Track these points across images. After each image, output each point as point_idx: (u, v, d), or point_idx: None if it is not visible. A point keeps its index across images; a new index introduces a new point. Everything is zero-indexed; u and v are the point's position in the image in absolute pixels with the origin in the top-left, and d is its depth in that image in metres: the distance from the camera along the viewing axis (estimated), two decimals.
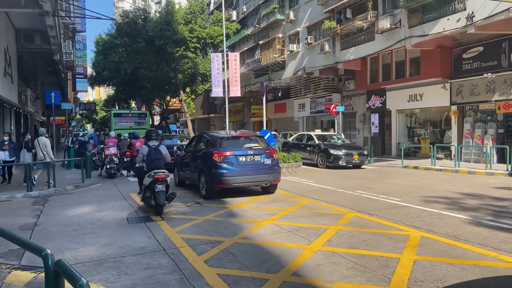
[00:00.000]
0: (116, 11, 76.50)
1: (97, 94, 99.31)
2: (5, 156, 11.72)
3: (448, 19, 15.10)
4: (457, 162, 14.99)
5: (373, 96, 21.36)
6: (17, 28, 15.69)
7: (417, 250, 5.16)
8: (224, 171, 9.16)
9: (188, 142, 12.50)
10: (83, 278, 2.11)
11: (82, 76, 36.62)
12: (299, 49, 25.21)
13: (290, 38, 26.53)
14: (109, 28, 42.61)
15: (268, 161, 9.65)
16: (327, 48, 21.85)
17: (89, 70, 37.74)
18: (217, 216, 7.49)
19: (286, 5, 27.01)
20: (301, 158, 17.44)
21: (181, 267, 4.67)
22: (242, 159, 9.42)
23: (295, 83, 27.53)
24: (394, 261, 4.75)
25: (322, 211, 7.80)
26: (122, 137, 16.81)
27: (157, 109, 45.28)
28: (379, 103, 21.00)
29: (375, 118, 21.51)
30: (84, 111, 55.13)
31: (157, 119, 44.51)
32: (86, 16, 35.35)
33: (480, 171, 13.51)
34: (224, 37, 22.56)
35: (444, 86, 17.36)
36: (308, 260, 4.86)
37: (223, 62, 21.44)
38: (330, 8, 21.47)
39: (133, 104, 50.01)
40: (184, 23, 24.08)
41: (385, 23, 17.66)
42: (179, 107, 38.24)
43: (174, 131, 40.70)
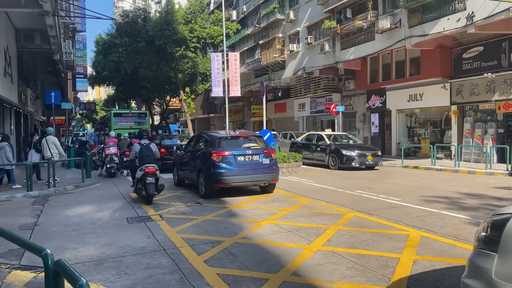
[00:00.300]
0: (116, 11, 76.52)
1: (97, 94, 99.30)
2: None
3: (448, 19, 15.10)
4: (457, 162, 15.00)
5: (373, 96, 21.37)
6: (17, 28, 15.68)
7: (417, 250, 5.16)
8: (223, 171, 9.19)
9: (187, 142, 12.52)
10: (83, 278, 2.11)
11: (82, 76, 36.56)
12: (299, 49, 25.21)
13: (290, 38, 26.53)
14: (109, 28, 42.62)
15: (266, 161, 9.70)
16: (327, 48, 21.85)
17: (89, 70, 37.71)
18: (217, 216, 7.49)
19: (286, 5, 27.01)
20: (310, 159, 17.16)
21: (181, 267, 4.67)
22: (241, 159, 9.45)
23: (295, 83, 27.52)
24: (394, 261, 4.76)
25: (322, 211, 7.80)
26: (122, 137, 16.84)
27: (157, 109, 45.23)
28: (379, 103, 21.00)
29: (375, 118, 21.52)
30: (84, 111, 55.05)
31: (157, 119, 44.49)
32: (86, 16, 35.39)
33: (480, 171, 13.51)
34: (224, 37, 22.57)
35: (444, 86, 17.36)
36: (308, 260, 4.86)
37: (223, 62, 21.44)
38: (330, 8, 21.48)
39: (133, 104, 49.93)
40: (184, 23, 24.05)
41: (385, 23, 17.66)
42: (179, 107, 38.14)
43: (177, 131, 40.31)
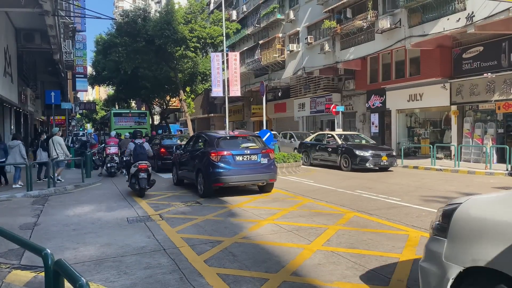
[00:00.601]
0: (116, 11, 76.50)
1: (97, 94, 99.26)
2: None
3: (448, 19, 15.10)
4: (457, 162, 15.00)
5: (373, 96, 21.36)
6: (17, 28, 15.67)
7: (417, 250, 5.16)
8: (221, 170, 9.24)
9: (187, 142, 12.57)
10: (83, 278, 2.12)
11: (82, 76, 36.56)
12: (299, 49, 25.20)
13: (290, 38, 26.53)
14: (109, 28, 42.67)
15: (265, 161, 9.74)
16: (327, 48, 21.85)
17: (89, 70, 37.70)
18: (217, 216, 7.50)
19: (286, 5, 27.01)
20: (321, 160, 16.62)
21: (181, 267, 4.68)
22: (239, 159, 9.49)
23: (295, 83, 27.51)
24: (394, 261, 4.76)
25: (322, 211, 7.80)
26: (123, 137, 16.86)
27: (157, 109, 45.17)
28: (379, 103, 20.99)
29: (375, 118, 21.52)
30: (84, 111, 55.00)
31: (157, 119, 44.46)
32: (86, 16, 35.37)
33: (480, 171, 13.52)
34: (224, 37, 22.56)
35: (444, 86, 17.35)
36: (308, 260, 4.87)
37: (223, 62, 21.43)
38: (330, 8, 21.48)
39: (133, 104, 49.88)
40: (184, 23, 24.05)
41: (385, 23, 17.66)
42: (179, 107, 38.04)
43: (179, 131, 39.97)
